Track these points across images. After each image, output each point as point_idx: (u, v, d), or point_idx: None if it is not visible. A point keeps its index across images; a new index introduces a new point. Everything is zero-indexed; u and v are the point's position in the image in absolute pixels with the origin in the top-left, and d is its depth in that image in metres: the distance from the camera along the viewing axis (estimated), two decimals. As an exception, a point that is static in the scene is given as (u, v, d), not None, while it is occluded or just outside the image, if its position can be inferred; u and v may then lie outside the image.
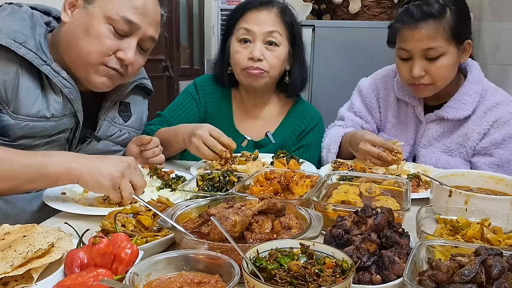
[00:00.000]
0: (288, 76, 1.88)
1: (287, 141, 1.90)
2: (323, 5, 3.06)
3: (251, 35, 1.77)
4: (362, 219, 0.89)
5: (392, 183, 1.28)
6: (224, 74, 1.90)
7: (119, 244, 0.79)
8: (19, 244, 0.84)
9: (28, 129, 1.30)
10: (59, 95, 1.35)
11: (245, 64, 1.77)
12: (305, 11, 3.34)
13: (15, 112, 1.28)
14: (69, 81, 1.36)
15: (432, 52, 1.59)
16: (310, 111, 1.96)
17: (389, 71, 1.94)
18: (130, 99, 1.63)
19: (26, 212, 1.33)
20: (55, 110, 1.34)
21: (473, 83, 1.72)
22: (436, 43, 1.57)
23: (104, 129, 1.51)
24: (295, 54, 1.86)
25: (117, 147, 1.59)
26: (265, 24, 1.76)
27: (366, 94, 1.93)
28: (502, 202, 1.13)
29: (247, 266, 0.71)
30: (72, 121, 1.41)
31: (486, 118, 1.69)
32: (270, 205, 0.96)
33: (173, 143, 1.68)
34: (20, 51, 1.26)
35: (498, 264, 0.71)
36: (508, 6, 2.05)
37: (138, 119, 1.66)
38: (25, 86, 1.29)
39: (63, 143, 1.42)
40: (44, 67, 1.30)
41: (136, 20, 1.34)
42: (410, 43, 1.61)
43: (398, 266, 0.78)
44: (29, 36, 1.29)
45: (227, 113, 1.93)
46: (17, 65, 1.28)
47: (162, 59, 4.41)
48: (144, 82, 1.67)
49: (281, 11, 1.81)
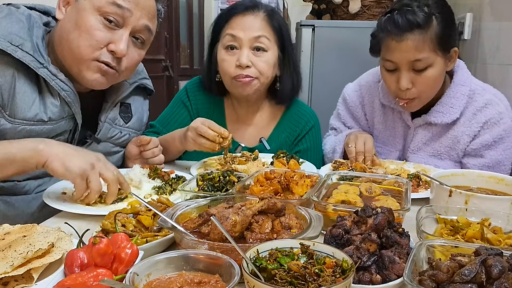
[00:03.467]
0: (278, 83, 1.81)
1: (283, 146, 1.84)
2: (323, 5, 3.06)
3: (237, 42, 1.70)
4: (362, 219, 0.89)
5: (392, 183, 1.28)
6: (213, 82, 1.83)
7: (119, 244, 0.79)
8: (19, 244, 0.84)
9: (25, 133, 1.28)
10: (57, 98, 1.33)
11: (233, 72, 1.70)
12: (305, 11, 3.34)
13: (12, 116, 1.26)
14: (67, 84, 1.33)
15: (419, 64, 1.54)
16: (306, 113, 1.91)
17: (373, 75, 1.89)
18: (131, 100, 1.61)
19: (26, 212, 1.33)
20: (52, 113, 1.32)
21: (459, 84, 1.67)
22: (423, 54, 1.52)
23: (105, 131, 1.50)
24: (285, 59, 1.79)
25: (117, 148, 1.58)
26: (252, 30, 1.69)
27: (351, 103, 1.90)
28: (502, 202, 1.13)
29: (247, 266, 0.71)
30: (70, 124, 1.39)
31: (476, 120, 1.65)
32: (270, 205, 0.96)
33: (171, 147, 1.67)
34: (17, 54, 1.24)
35: (498, 264, 0.71)
36: (508, 6, 2.05)
37: (139, 120, 1.65)
38: (22, 90, 1.27)
39: None
40: (41, 70, 1.28)
41: (126, 5, 1.29)
42: (396, 54, 1.55)
43: (398, 266, 0.78)
44: (25, 39, 1.27)
45: (220, 120, 1.85)
46: (13, 68, 1.26)
47: (162, 59, 4.41)
48: (145, 82, 1.65)
49: (268, 14, 1.73)
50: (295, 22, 3.36)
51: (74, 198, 1.20)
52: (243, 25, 1.70)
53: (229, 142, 1.52)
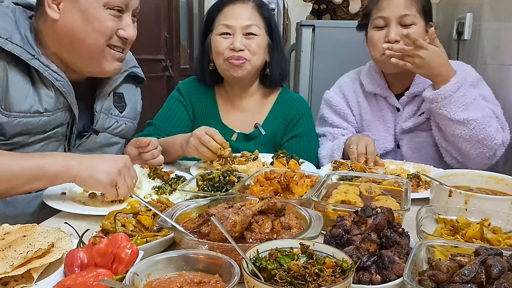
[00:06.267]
0: (268, 68, 1.91)
1: (277, 131, 1.91)
2: (323, 5, 3.06)
3: (231, 29, 1.80)
4: (362, 219, 0.89)
5: (392, 183, 1.28)
6: (206, 70, 1.92)
7: (119, 244, 0.79)
8: (19, 244, 0.84)
9: (22, 126, 1.29)
10: (51, 89, 1.35)
11: (227, 54, 1.79)
12: (305, 11, 3.34)
13: (7, 109, 1.27)
14: (60, 74, 1.35)
15: (406, 19, 1.74)
16: (297, 99, 1.98)
17: (350, 76, 2.05)
18: (123, 89, 1.62)
19: (26, 212, 1.33)
20: (47, 104, 1.33)
21: None
22: (411, 11, 1.75)
23: (102, 121, 1.51)
24: (274, 45, 1.89)
25: (115, 139, 1.59)
26: (243, 18, 1.80)
27: (335, 103, 1.98)
28: (502, 202, 1.12)
29: (247, 266, 0.72)
30: (67, 115, 1.40)
31: None
32: (270, 205, 0.97)
33: (171, 152, 1.69)
34: (7, 47, 1.24)
35: (498, 264, 0.71)
36: (508, 6, 2.05)
37: (133, 108, 1.66)
38: (15, 82, 1.28)
39: (61, 139, 1.42)
40: (33, 61, 1.29)
41: None
42: (388, 10, 1.76)
43: (398, 266, 0.78)
44: (13, 31, 1.28)
45: (213, 109, 1.94)
46: (4, 61, 1.26)
47: (162, 59, 4.40)
48: (135, 71, 1.67)
49: (256, 4, 1.85)
50: (295, 22, 3.36)
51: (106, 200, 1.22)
52: (235, 14, 1.82)
53: (230, 152, 1.55)
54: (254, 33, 1.80)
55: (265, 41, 1.84)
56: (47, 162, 1.15)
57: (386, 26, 1.78)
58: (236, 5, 1.83)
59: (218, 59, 1.83)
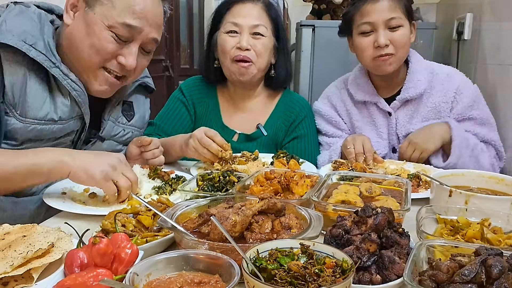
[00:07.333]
0: (273, 69, 1.91)
1: (279, 132, 1.91)
2: (323, 5, 3.06)
3: (238, 27, 1.80)
4: (362, 219, 0.89)
5: (392, 183, 1.28)
6: (211, 68, 1.92)
7: (119, 244, 0.79)
8: (19, 244, 0.84)
9: (36, 132, 1.30)
10: (67, 98, 1.35)
11: (233, 53, 1.79)
12: (305, 11, 3.34)
13: (23, 115, 1.27)
14: (78, 84, 1.35)
15: (393, 22, 1.72)
16: (299, 101, 1.98)
17: (336, 86, 2.03)
18: (133, 98, 1.63)
19: (25, 212, 1.32)
20: (62, 113, 1.33)
21: (417, 63, 1.86)
22: (396, 13, 1.73)
23: (108, 129, 1.51)
24: (280, 47, 1.89)
25: (120, 147, 1.59)
26: (251, 17, 1.80)
27: (325, 113, 1.98)
28: (502, 202, 1.13)
29: (247, 266, 0.71)
30: (78, 123, 1.41)
31: (447, 88, 1.81)
32: (270, 205, 0.96)
33: (171, 152, 1.69)
34: (31, 53, 1.24)
35: (498, 264, 0.71)
36: (508, 6, 2.05)
37: (141, 118, 1.66)
38: (33, 89, 1.28)
39: (69, 145, 1.42)
40: (54, 70, 1.29)
41: (137, 24, 1.32)
42: (373, 15, 1.73)
43: (398, 266, 0.78)
44: (38, 37, 1.28)
45: (215, 110, 1.94)
46: (25, 67, 1.26)
47: (162, 59, 4.41)
48: (146, 81, 1.67)
49: (265, 5, 1.85)
50: (295, 22, 3.35)
51: (109, 201, 1.21)
52: (243, 13, 1.82)
53: (230, 154, 1.55)
54: (261, 33, 1.80)
55: (271, 42, 1.84)
56: (40, 159, 1.15)
57: (373, 31, 1.75)
58: (245, 4, 1.83)
59: (224, 57, 1.83)
